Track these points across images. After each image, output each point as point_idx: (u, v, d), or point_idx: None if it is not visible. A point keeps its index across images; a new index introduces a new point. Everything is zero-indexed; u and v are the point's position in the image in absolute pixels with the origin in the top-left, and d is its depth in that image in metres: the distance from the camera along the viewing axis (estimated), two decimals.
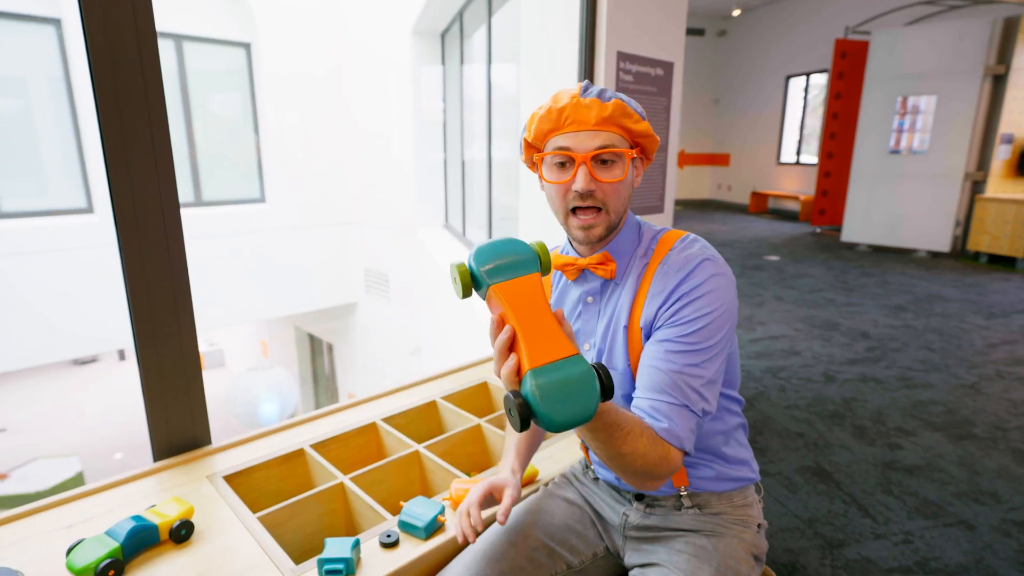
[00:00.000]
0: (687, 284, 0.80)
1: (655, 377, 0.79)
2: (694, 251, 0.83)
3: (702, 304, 0.79)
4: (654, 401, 0.78)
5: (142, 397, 1.16)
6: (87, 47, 0.99)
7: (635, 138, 0.84)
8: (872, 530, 1.82)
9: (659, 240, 0.88)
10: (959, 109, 5.81)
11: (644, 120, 0.84)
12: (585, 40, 1.89)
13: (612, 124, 0.81)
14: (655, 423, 0.77)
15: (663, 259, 0.84)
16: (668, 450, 0.76)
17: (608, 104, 0.81)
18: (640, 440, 0.73)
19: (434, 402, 1.49)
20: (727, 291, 0.81)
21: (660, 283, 0.82)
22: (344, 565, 0.87)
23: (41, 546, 0.92)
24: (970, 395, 2.81)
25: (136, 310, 1.11)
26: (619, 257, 0.88)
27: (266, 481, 1.19)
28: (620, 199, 0.84)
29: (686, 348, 0.78)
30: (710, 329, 0.78)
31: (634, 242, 0.89)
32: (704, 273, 0.80)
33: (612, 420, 0.70)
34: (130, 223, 1.08)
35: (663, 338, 0.80)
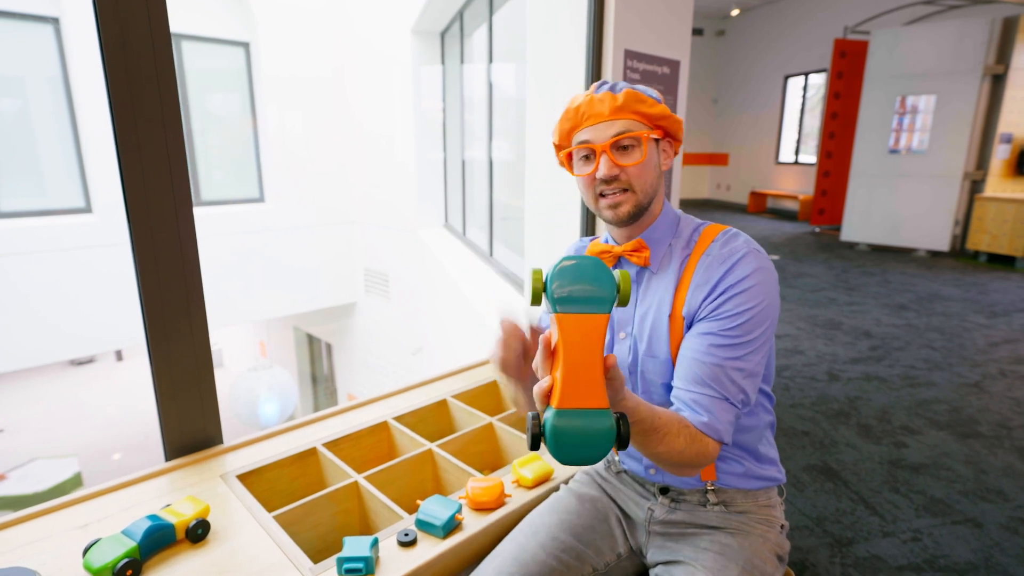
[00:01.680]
0: (731, 277, 0.80)
1: (696, 369, 0.80)
2: (738, 244, 0.84)
3: (746, 298, 0.79)
4: (694, 393, 0.80)
5: (154, 396, 1.15)
6: (101, 47, 0.98)
7: (654, 121, 0.86)
8: (880, 528, 1.82)
9: (701, 232, 0.89)
10: (958, 109, 5.83)
11: (660, 103, 0.85)
12: (593, 38, 1.89)
13: (626, 111, 0.84)
14: (694, 416, 0.79)
15: (706, 251, 0.85)
16: (707, 443, 0.78)
17: (620, 94, 0.84)
18: (677, 439, 0.75)
19: (444, 401, 1.48)
20: (770, 285, 0.82)
21: (703, 274, 0.83)
22: (364, 564, 0.86)
23: (56, 546, 0.92)
24: (974, 393, 2.81)
25: (148, 309, 1.11)
26: (654, 245, 0.89)
27: (279, 480, 1.18)
28: (645, 180, 0.86)
29: (728, 341, 0.79)
30: (753, 323, 0.79)
31: (671, 232, 0.90)
32: (748, 266, 0.80)
33: (648, 426, 0.71)
34: (143, 222, 1.07)
35: (705, 331, 0.81)
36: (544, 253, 2.32)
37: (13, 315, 4.67)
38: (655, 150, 0.87)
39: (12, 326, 4.66)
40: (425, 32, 5.73)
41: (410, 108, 5.77)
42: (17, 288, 4.69)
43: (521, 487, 1.10)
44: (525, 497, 1.07)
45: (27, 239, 4.81)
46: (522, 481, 1.10)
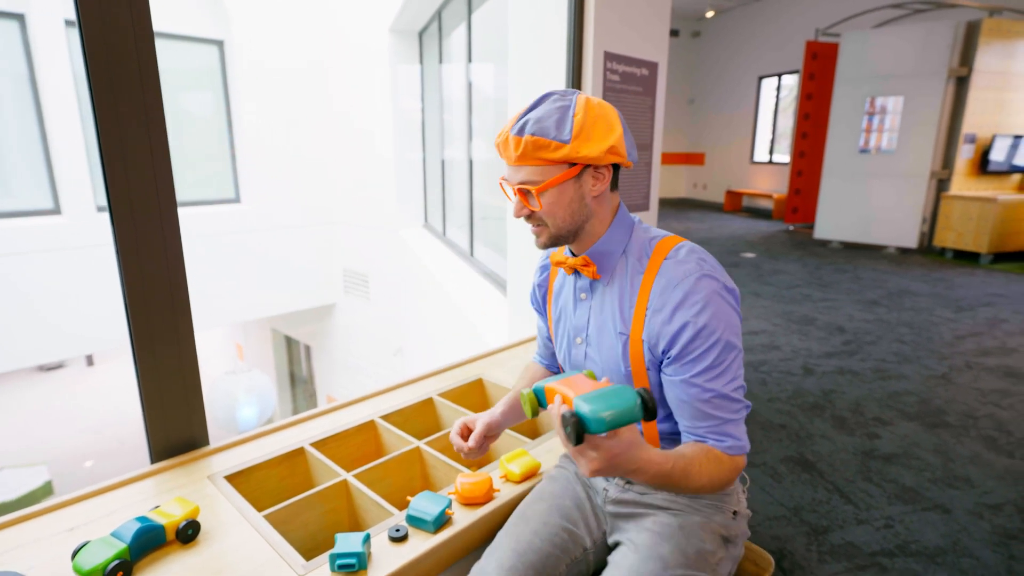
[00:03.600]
0: (686, 310, 0.82)
1: (696, 408, 0.84)
2: (689, 267, 0.84)
3: (708, 331, 0.81)
4: (705, 427, 0.85)
5: (139, 398, 1.14)
6: (84, 46, 0.97)
7: (566, 160, 0.84)
8: (855, 516, 1.88)
9: (655, 247, 0.89)
10: (925, 109, 6.01)
11: (565, 144, 0.82)
12: (573, 40, 1.92)
13: (528, 159, 0.84)
14: (718, 443, 0.84)
15: (659, 270, 0.86)
16: (735, 460, 0.85)
17: (523, 141, 0.83)
18: (706, 470, 0.82)
19: (431, 399, 1.50)
20: (726, 307, 0.83)
21: (659, 298, 0.85)
22: (356, 559, 0.87)
23: (44, 549, 0.91)
24: (941, 385, 2.91)
25: (133, 311, 1.10)
26: (602, 259, 0.91)
27: (267, 480, 1.18)
28: (558, 216, 0.87)
29: (712, 375, 0.82)
30: (724, 349, 0.82)
31: (621, 244, 0.91)
32: (701, 295, 0.82)
33: (681, 471, 0.79)
34: (127, 223, 1.06)
35: (686, 375, 0.83)
36: (527, 253, 2.34)
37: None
38: (573, 185, 0.86)
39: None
40: (403, 31, 5.71)
41: (389, 108, 5.75)
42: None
43: (509, 482, 1.12)
44: (513, 491, 1.09)
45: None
46: (510, 476, 1.12)
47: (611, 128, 0.85)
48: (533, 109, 0.85)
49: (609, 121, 0.85)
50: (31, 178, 5.14)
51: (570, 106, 0.84)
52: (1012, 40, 5.84)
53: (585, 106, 0.84)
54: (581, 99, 0.85)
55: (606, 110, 0.86)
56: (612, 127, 0.85)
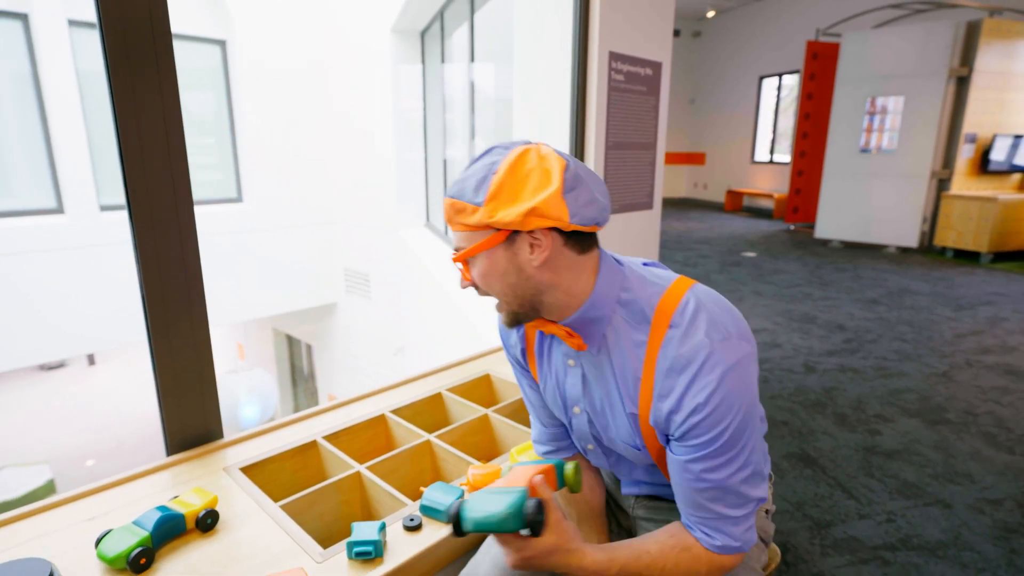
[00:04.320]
0: (693, 396, 0.70)
1: (694, 496, 0.75)
2: (698, 340, 0.71)
3: (717, 418, 0.70)
4: (699, 518, 0.76)
5: (155, 391, 1.16)
6: (104, 46, 0.99)
7: (483, 226, 0.72)
8: (857, 511, 1.90)
9: (655, 311, 0.75)
10: (925, 109, 6.03)
11: (479, 207, 0.71)
12: (578, 40, 1.94)
13: (453, 223, 0.75)
14: (707, 540, 0.75)
15: (663, 343, 0.73)
16: (724, 560, 0.75)
17: (445, 202, 0.75)
18: (677, 569, 0.74)
19: (439, 394, 1.52)
20: (743, 379, 0.71)
21: (665, 382, 0.73)
22: (373, 547, 0.89)
23: (67, 538, 0.93)
24: (942, 383, 2.93)
25: (151, 306, 1.12)
26: (586, 328, 0.77)
27: (281, 472, 1.20)
28: (495, 289, 0.76)
29: (711, 465, 0.72)
30: (734, 435, 0.71)
31: (607, 308, 0.76)
32: (711, 377, 0.69)
33: (633, 573, 0.74)
34: (145, 220, 1.08)
35: (688, 458, 0.73)
36: None
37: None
38: (504, 253, 0.73)
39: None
40: (405, 31, 5.73)
41: (390, 108, 5.76)
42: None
43: None
44: None
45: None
46: None
47: (541, 186, 0.70)
48: (468, 167, 0.75)
49: (542, 177, 0.71)
50: (34, 177, 5.15)
51: (497, 162, 0.72)
52: (1012, 40, 5.86)
53: (514, 163, 0.71)
54: (514, 154, 0.72)
55: (547, 164, 0.72)
56: (543, 184, 0.70)
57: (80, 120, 5.11)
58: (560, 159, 0.73)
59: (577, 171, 0.73)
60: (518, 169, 0.71)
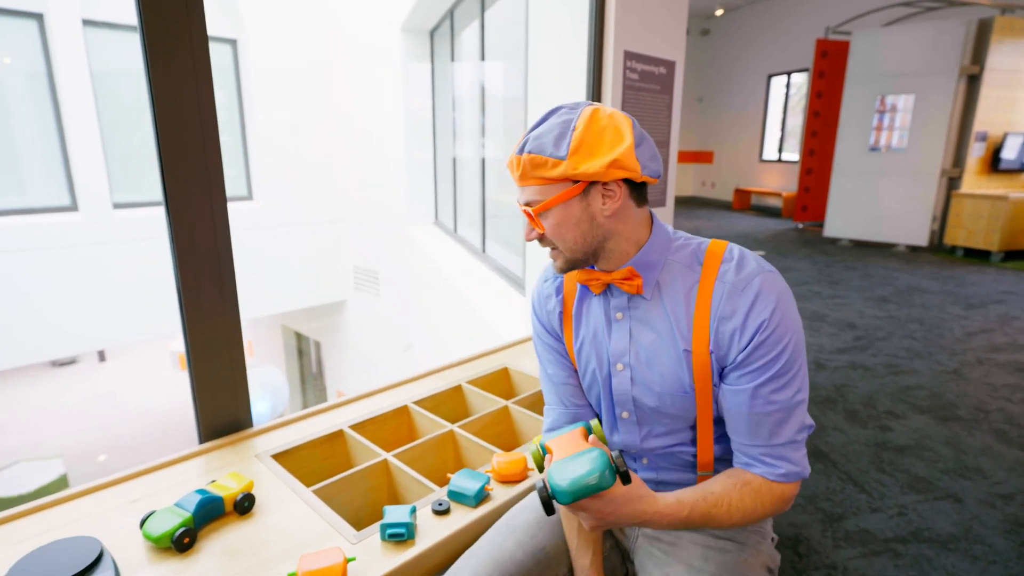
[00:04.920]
0: (757, 313, 0.75)
1: (755, 424, 0.78)
2: (752, 268, 0.78)
3: (779, 335, 0.75)
4: (764, 447, 0.78)
5: (190, 381, 1.20)
6: (145, 47, 1.03)
7: (567, 178, 0.77)
8: (868, 504, 1.92)
9: (705, 253, 0.82)
10: (936, 108, 6.02)
11: (562, 160, 0.76)
12: (594, 40, 1.97)
13: (528, 178, 0.80)
14: (770, 470, 0.78)
15: (718, 275, 0.79)
16: (783, 489, 0.79)
17: (521, 159, 0.79)
18: (742, 506, 0.77)
19: (460, 386, 1.55)
20: (792, 308, 0.78)
21: (727, 304, 0.77)
22: (405, 529, 0.93)
23: (113, 518, 0.97)
24: (953, 380, 2.94)
25: (186, 300, 1.16)
26: (645, 270, 0.83)
27: (310, 460, 1.24)
28: (567, 237, 0.81)
29: (779, 384, 0.76)
30: (793, 355, 0.76)
31: (663, 255, 0.83)
32: (771, 297, 0.76)
33: (701, 515, 0.76)
34: (182, 216, 1.12)
35: (753, 382, 0.77)
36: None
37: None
38: (579, 204, 0.79)
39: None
40: (414, 30, 5.76)
41: (399, 106, 5.80)
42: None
43: None
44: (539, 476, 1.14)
45: (11, 238, 4.75)
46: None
47: (617, 140, 0.76)
48: (538, 126, 0.80)
49: (616, 133, 0.77)
50: (49, 175, 5.22)
51: (572, 120, 0.77)
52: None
53: (589, 119, 0.77)
54: (587, 112, 0.78)
55: (616, 121, 0.78)
56: (618, 140, 0.76)
57: (94, 119, 5.17)
58: (626, 117, 0.80)
59: (641, 129, 0.80)
60: (594, 125, 0.76)
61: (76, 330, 5.05)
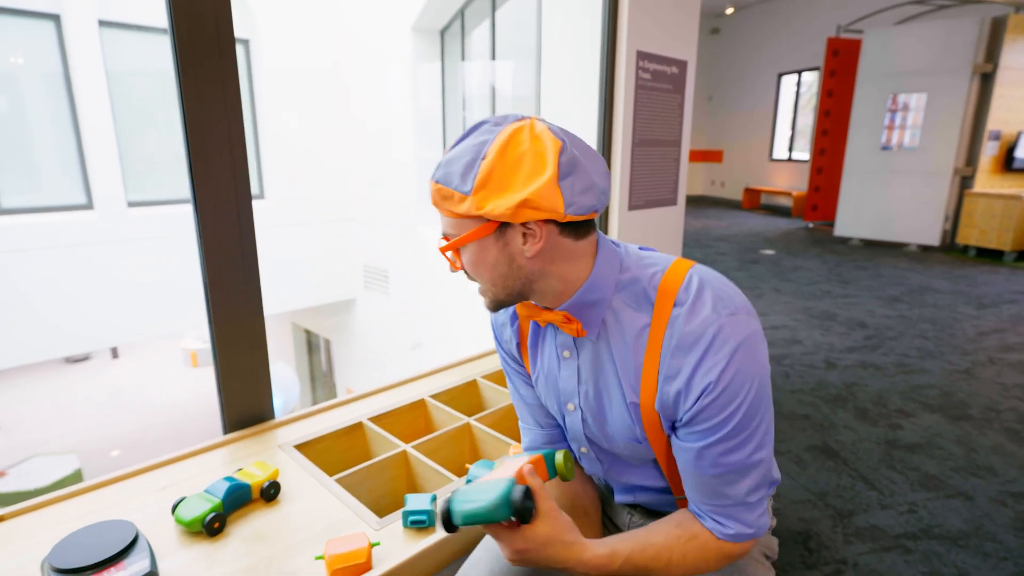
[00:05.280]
0: (703, 374, 0.66)
1: (706, 483, 0.70)
2: (705, 316, 0.66)
3: (729, 396, 0.66)
4: (712, 506, 0.71)
5: (215, 373, 1.24)
6: (175, 50, 1.07)
7: (471, 216, 0.67)
8: (879, 501, 1.93)
9: (657, 291, 0.70)
10: (948, 106, 5.98)
11: (466, 196, 0.66)
12: (607, 40, 1.99)
13: (440, 208, 0.70)
14: (720, 529, 0.71)
15: (668, 323, 0.68)
16: (733, 548, 0.71)
17: (431, 186, 0.69)
18: (684, 560, 0.71)
19: (475, 381, 1.58)
20: (753, 355, 0.67)
21: (672, 362, 0.68)
22: (427, 516, 0.96)
23: (145, 504, 1.01)
24: (964, 379, 2.94)
25: (213, 295, 1.19)
26: (584, 312, 0.73)
27: (330, 451, 1.28)
28: (484, 278, 0.72)
29: (725, 448, 0.68)
30: (748, 414, 0.67)
31: (607, 291, 0.72)
32: (723, 353, 0.65)
33: (637, 565, 0.69)
34: (209, 214, 1.16)
35: (700, 443, 0.68)
36: None
37: (10, 312, 4.67)
38: (495, 243, 0.68)
39: (8, 323, 4.66)
40: (425, 30, 5.80)
41: (409, 106, 5.83)
42: (15, 285, 4.70)
43: None
44: None
45: (28, 235, 4.83)
46: None
47: (534, 174, 0.64)
48: (456, 145, 0.69)
49: (536, 163, 0.65)
50: (66, 175, 5.30)
51: (485, 144, 0.66)
52: None
53: (503, 145, 0.65)
54: (504, 134, 0.66)
55: (540, 147, 0.66)
56: (536, 172, 0.64)
57: (109, 118, 5.24)
58: (555, 140, 0.66)
59: (573, 153, 0.67)
60: (509, 152, 0.65)
61: (90, 327, 5.11)
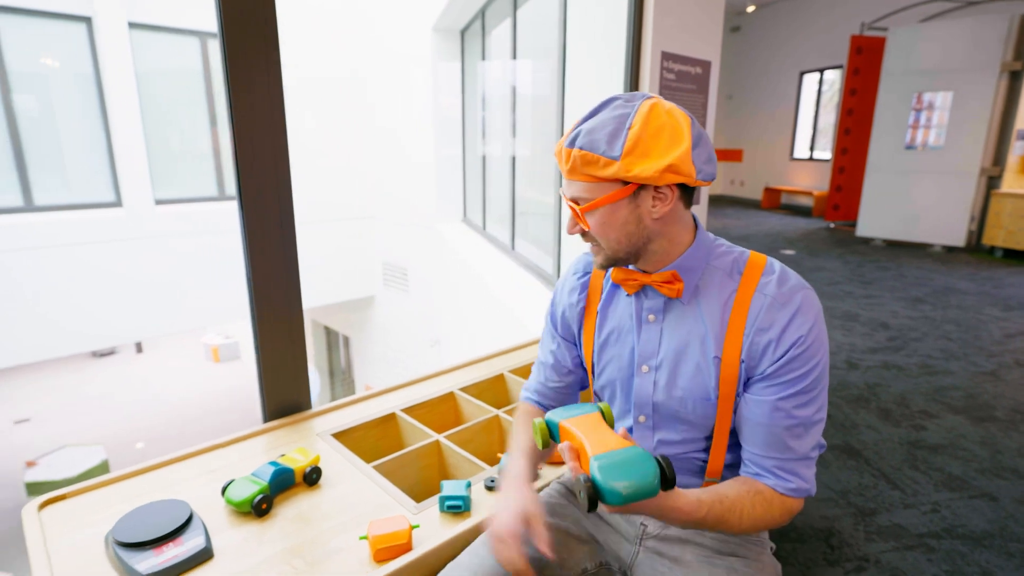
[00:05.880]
0: (795, 328, 0.76)
1: (774, 434, 0.78)
2: (793, 283, 0.79)
3: (811, 352, 0.76)
4: (777, 460, 0.78)
5: (256, 364, 1.29)
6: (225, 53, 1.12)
7: (617, 178, 0.75)
8: (901, 501, 1.94)
9: (746, 262, 0.82)
10: (975, 105, 5.88)
11: (615, 161, 0.73)
12: (632, 41, 2.01)
13: (578, 174, 0.77)
14: (780, 483, 0.78)
15: (758, 287, 0.79)
16: (791, 503, 0.79)
17: (574, 154, 0.75)
18: (753, 512, 0.76)
19: (502, 375, 1.62)
20: (824, 329, 0.79)
21: (766, 316, 0.77)
22: (462, 501, 1.00)
23: (196, 486, 1.07)
24: (990, 381, 2.91)
25: (256, 292, 1.25)
26: (687, 274, 0.82)
27: (365, 440, 1.33)
28: (610, 237, 0.79)
29: (803, 400, 0.77)
30: (820, 375, 0.77)
31: (703, 261, 0.82)
32: (810, 315, 0.77)
33: (717, 515, 0.74)
34: (254, 216, 1.22)
35: (778, 395, 0.77)
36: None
37: (40, 306, 4.79)
38: (628, 205, 0.77)
39: (39, 317, 4.79)
40: (446, 30, 5.85)
41: (429, 105, 5.88)
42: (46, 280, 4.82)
43: None
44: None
45: (58, 232, 4.95)
46: None
47: (675, 143, 0.73)
48: (590, 118, 0.77)
49: (675, 134, 0.74)
50: (96, 173, 5.43)
51: (628, 115, 0.74)
52: None
53: (646, 116, 0.73)
54: (644, 107, 0.74)
55: (675, 120, 0.75)
56: (676, 141, 0.73)
57: (138, 118, 5.37)
58: (685, 115, 0.77)
59: (699, 128, 0.77)
60: (651, 123, 0.73)
61: (116, 322, 5.23)
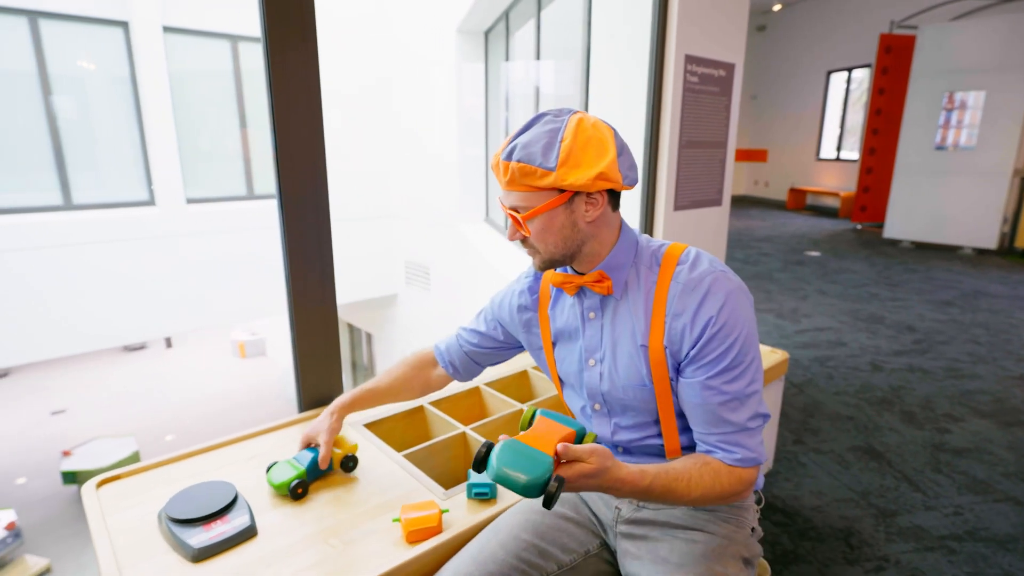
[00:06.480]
0: (706, 310, 0.82)
1: (709, 412, 0.84)
2: (704, 268, 0.85)
3: (727, 330, 0.82)
4: (718, 435, 0.84)
5: (293, 357, 1.36)
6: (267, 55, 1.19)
7: (554, 187, 0.81)
8: (923, 503, 1.94)
9: (663, 255, 0.89)
10: (1009, 104, 5.76)
11: (551, 171, 0.80)
12: (656, 45, 2.04)
13: (517, 184, 0.83)
14: (728, 455, 0.84)
15: (673, 276, 0.86)
16: (741, 473, 0.84)
17: (510, 166, 0.82)
18: (700, 483, 0.81)
19: (525, 371, 1.67)
20: (743, 305, 0.84)
21: (679, 303, 0.84)
22: (489, 489, 1.05)
23: (239, 470, 1.13)
24: (1019, 386, 2.87)
25: (293, 288, 1.32)
26: (614, 272, 0.89)
27: (394, 431, 1.38)
28: (549, 242, 0.86)
29: (729, 376, 0.82)
30: (743, 349, 0.83)
31: (630, 257, 0.90)
32: (719, 295, 0.82)
33: (662, 487, 0.79)
34: (293, 217, 1.28)
35: (703, 375, 0.83)
36: None
37: (76, 301, 4.94)
38: (563, 211, 0.84)
39: (74, 312, 4.94)
40: (470, 31, 5.91)
41: (452, 106, 5.95)
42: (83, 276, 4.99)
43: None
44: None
45: (95, 230, 5.12)
46: None
47: (602, 153, 0.81)
48: (523, 132, 0.83)
49: (601, 145, 0.82)
50: (131, 173, 5.61)
51: (559, 130, 0.81)
52: None
53: (575, 130, 0.81)
54: (572, 122, 0.82)
55: (600, 132, 0.83)
56: (603, 152, 0.81)
57: (171, 119, 5.54)
58: (608, 127, 0.85)
59: (621, 139, 0.86)
60: (580, 136, 0.81)
61: (147, 317, 5.39)
